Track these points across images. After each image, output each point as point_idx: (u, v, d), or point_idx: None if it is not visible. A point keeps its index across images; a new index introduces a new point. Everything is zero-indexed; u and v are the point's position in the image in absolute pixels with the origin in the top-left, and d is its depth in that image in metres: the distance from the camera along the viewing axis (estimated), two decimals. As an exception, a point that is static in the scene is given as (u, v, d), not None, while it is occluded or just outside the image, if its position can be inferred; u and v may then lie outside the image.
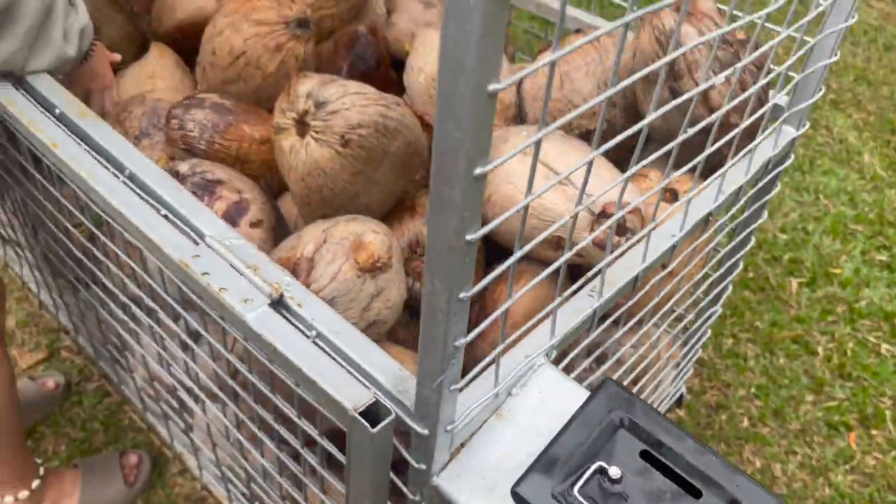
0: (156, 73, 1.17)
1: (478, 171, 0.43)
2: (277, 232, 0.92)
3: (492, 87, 0.40)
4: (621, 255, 0.77)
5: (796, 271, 1.91)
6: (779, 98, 0.91)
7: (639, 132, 0.58)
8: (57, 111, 0.85)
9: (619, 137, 0.54)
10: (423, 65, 1.06)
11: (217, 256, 0.70)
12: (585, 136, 1.03)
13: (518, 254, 0.53)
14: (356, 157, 0.85)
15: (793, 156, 1.02)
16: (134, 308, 0.95)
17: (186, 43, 1.24)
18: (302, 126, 0.85)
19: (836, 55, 0.88)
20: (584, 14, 1.20)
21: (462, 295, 0.49)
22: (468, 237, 0.46)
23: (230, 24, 1.01)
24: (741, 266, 1.16)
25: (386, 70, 1.21)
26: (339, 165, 0.85)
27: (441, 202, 0.45)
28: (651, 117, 0.57)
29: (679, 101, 0.61)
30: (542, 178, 0.89)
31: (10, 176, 1.09)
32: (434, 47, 1.06)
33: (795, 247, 1.97)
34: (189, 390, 0.96)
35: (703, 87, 0.61)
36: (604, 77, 0.99)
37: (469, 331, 0.53)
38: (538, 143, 0.47)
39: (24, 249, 1.32)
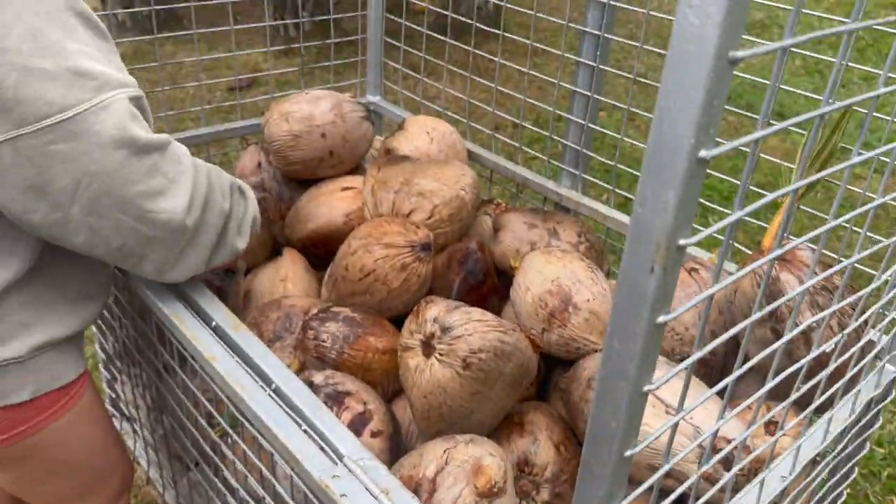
0: (288, 278, 1.31)
1: (627, 453, 0.49)
2: (394, 440, 0.98)
3: (646, 388, 0.47)
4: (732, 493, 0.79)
5: (899, 489, 1.81)
6: (881, 342, 0.95)
7: (742, 363, 0.62)
8: (214, 324, 0.97)
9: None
10: (530, 285, 1.15)
11: (353, 478, 0.76)
12: (684, 361, 1.08)
13: (650, 514, 0.57)
14: (475, 379, 0.92)
15: (894, 391, 1.04)
16: (251, 503, 1.00)
17: (315, 249, 1.40)
18: (428, 347, 0.93)
19: (933, 302, 0.93)
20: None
21: (604, 557, 0.53)
22: (613, 507, 0.51)
23: (363, 245, 1.14)
24: (844, 496, 1.14)
25: (493, 281, 1.32)
26: (458, 385, 0.92)
27: (591, 474, 0.50)
28: (770, 383, 0.63)
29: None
30: (649, 405, 0.93)
31: (150, 367, 1.21)
32: (539, 270, 1.15)
33: (894, 461, 1.88)
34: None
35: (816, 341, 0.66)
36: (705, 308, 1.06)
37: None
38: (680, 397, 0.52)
39: (143, 428, 1.42)
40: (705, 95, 0.36)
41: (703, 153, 0.38)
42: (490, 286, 1.31)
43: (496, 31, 1.50)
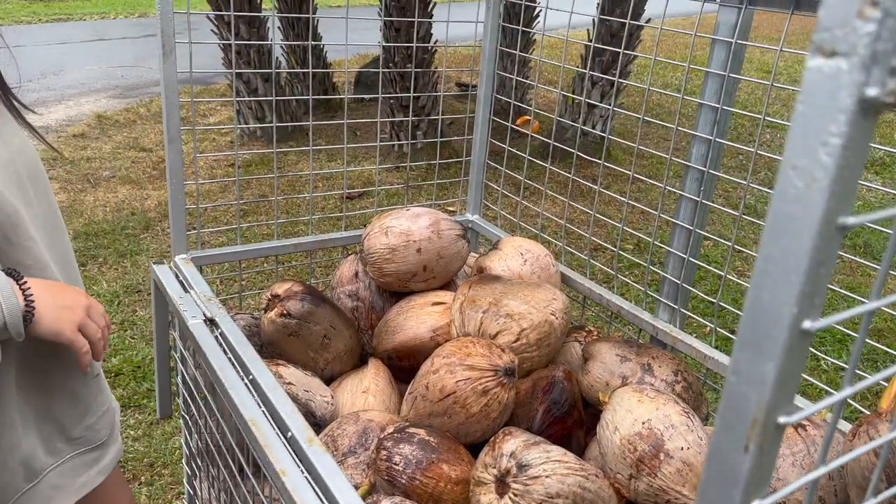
0: (370, 390, 1.30)
1: None
2: (458, 583, 0.92)
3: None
4: None
5: None
6: None
7: None
8: (289, 434, 0.96)
9: None
10: (619, 424, 1.08)
11: None
12: (791, 529, 0.96)
13: None
14: (550, 525, 0.85)
15: None
16: None
17: (400, 362, 1.39)
18: (502, 485, 0.88)
19: None
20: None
21: None
22: None
23: (446, 364, 1.12)
24: None
25: (579, 414, 1.25)
26: (532, 531, 0.86)
27: None
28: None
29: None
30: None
31: (227, 469, 1.21)
32: (629, 409, 1.09)
33: None
34: None
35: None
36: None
37: None
38: None
39: (214, 529, 1.40)
40: (810, 263, 0.33)
41: (807, 324, 0.34)
42: (576, 419, 1.24)
43: (597, 161, 1.51)
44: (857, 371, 1.15)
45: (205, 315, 1.27)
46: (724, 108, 1.24)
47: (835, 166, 0.32)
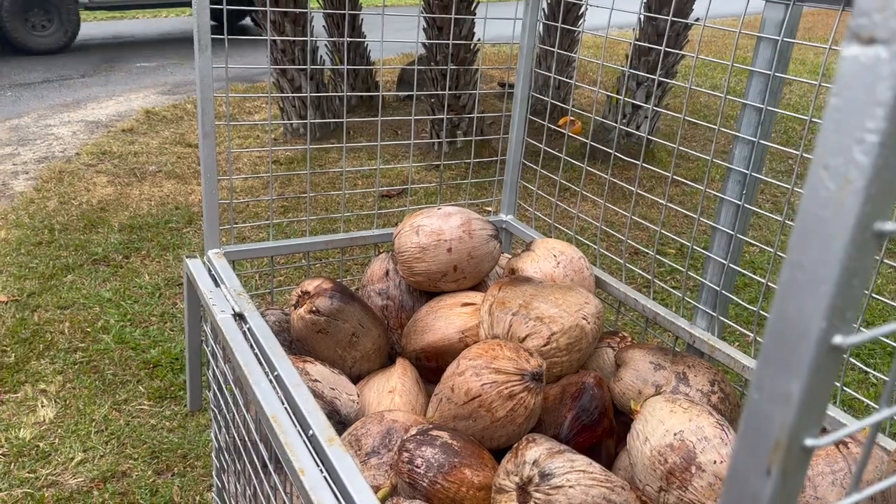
0: (396, 389, 1.29)
1: None
2: (477, 592, 0.89)
3: None
4: None
5: None
6: None
7: None
8: (311, 433, 0.96)
9: None
10: (650, 434, 1.04)
11: None
12: (829, 552, 0.91)
13: None
14: (572, 537, 0.83)
15: None
16: None
17: (428, 362, 1.37)
18: (524, 494, 0.85)
19: None
20: (831, 409, 1.14)
21: None
22: None
23: (472, 367, 1.10)
24: None
25: (609, 422, 1.22)
26: (553, 542, 0.83)
27: None
28: None
29: None
30: None
31: (251, 463, 1.21)
32: (661, 420, 1.05)
33: None
34: None
35: None
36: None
37: None
38: None
39: (239, 523, 1.40)
40: (842, 273, 0.30)
41: (837, 339, 0.31)
42: (605, 427, 1.21)
43: (635, 161, 1.47)
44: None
45: (233, 310, 1.27)
46: (769, 108, 1.19)
47: (871, 166, 0.29)
